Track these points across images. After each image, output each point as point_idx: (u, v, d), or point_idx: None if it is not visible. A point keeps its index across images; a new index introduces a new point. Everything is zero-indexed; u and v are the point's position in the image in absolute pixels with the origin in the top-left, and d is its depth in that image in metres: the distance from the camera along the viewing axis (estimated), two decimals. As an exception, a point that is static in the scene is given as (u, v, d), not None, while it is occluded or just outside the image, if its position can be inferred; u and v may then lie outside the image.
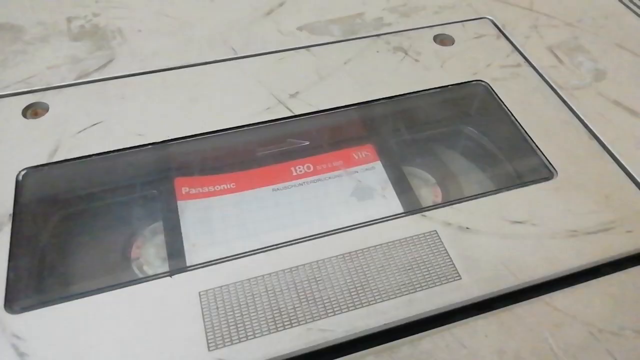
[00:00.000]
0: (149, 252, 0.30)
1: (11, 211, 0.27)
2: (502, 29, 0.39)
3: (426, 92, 0.34)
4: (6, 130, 0.31)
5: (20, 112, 0.32)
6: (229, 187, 0.31)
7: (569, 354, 0.23)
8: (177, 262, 0.28)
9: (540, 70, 0.36)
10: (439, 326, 0.24)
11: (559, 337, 0.24)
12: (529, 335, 0.24)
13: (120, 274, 0.29)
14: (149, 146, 0.31)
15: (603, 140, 0.32)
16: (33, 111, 0.32)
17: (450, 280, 0.25)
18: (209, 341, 0.23)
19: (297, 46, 0.37)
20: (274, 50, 0.37)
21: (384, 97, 0.34)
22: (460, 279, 0.25)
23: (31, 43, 0.37)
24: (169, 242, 0.29)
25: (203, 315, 0.24)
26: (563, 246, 0.27)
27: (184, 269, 0.26)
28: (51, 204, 0.30)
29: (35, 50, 0.36)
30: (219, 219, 0.30)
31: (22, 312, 0.24)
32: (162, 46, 0.37)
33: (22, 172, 0.29)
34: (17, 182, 0.28)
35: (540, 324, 0.24)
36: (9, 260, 0.25)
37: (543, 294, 0.25)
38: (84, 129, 0.31)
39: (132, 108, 0.32)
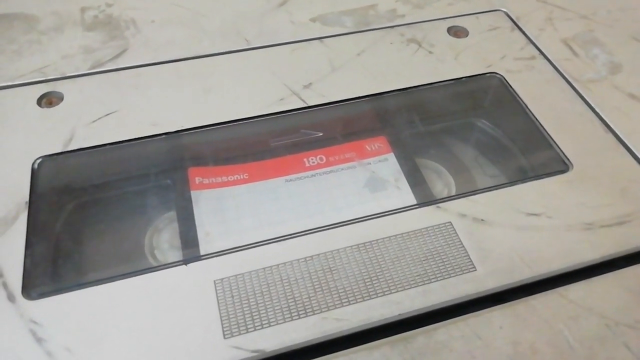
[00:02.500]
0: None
1: (27, 199, 0.27)
2: (516, 21, 0.39)
3: (440, 84, 0.34)
4: (22, 119, 0.31)
5: (35, 101, 0.32)
6: (242, 177, 0.31)
7: (585, 346, 0.23)
8: (191, 251, 0.28)
9: (555, 63, 0.36)
10: (454, 317, 0.24)
11: (574, 329, 0.24)
12: (544, 327, 0.24)
13: (134, 262, 0.29)
14: (163, 136, 0.31)
15: (618, 133, 0.31)
16: (48, 100, 0.32)
17: (465, 271, 0.25)
18: (225, 329, 0.23)
19: (310, 37, 0.37)
20: (287, 41, 0.37)
21: (397, 88, 0.34)
22: (475, 270, 0.25)
23: (45, 33, 0.37)
24: (183, 231, 0.29)
25: (218, 303, 0.24)
26: (578, 239, 0.26)
27: (198, 257, 0.26)
28: (66, 192, 0.31)
29: (50, 40, 0.36)
30: (232, 209, 0.30)
31: (39, 298, 0.24)
32: (175, 37, 0.37)
33: (38, 161, 0.29)
34: (32, 170, 0.28)
35: (555, 316, 0.24)
36: (26, 248, 0.25)
37: (558, 287, 0.25)
38: (99, 119, 0.31)
39: (146, 98, 0.32)
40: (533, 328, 0.24)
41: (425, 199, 0.30)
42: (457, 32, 0.38)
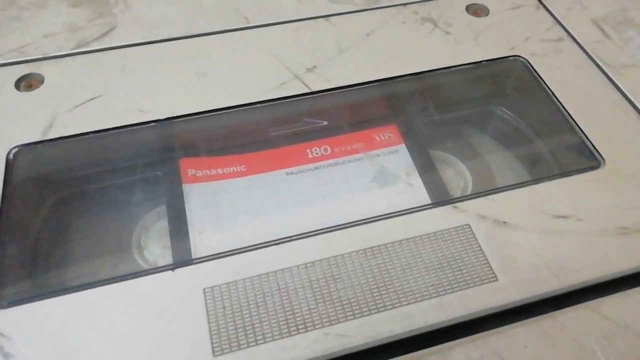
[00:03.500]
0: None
1: (0, 193, 0.25)
2: (541, -2, 0.36)
3: (457, 68, 0.32)
4: (-2, 104, 0.29)
5: (13, 83, 0.30)
6: (238, 169, 0.29)
7: (621, 370, 0.21)
8: (181, 251, 0.26)
9: (584, 46, 0.33)
10: (472, 334, 0.22)
11: (608, 350, 0.21)
12: (574, 346, 0.21)
13: (118, 265, 0.27)
14: (152, 123, 0.29)
15: (656, 125, 0.29)
16: (27, 83, 0.30)
17: (485, 281, 0.23)
18: (214, 345, 0.21)
19: (315, 15, 0.35)
20: (290, 19, 0.35)
21: (410, 73, 0.32)
22: (497, 280, 0.23)
23: (26, 8, 0.35)
24: (173, 229, 0.26)
25: (208, 315, 0.22)
26: (612, 245, 0.24)
27: (187, 262, 0.24)
28: (45, 185, 0.29)
29: (31, 16, 0.34)
30: (227, 205, 0.28)
31: (9, 306, 0.22)
32: (167, 14, 0.35)
33: (14, 150, 0.27)
34: (7, 161, 0.27)
35: (587, 333, 0.22)
36: (-3, 248, 0.24)
37: (590, 300, 0.23)
38: (82, 104, 0.29)
39: (134, 81, 0.30)
40: (562, 347, 0.21)
41: (440, 197, 0.28)
42: (476, 10, 0.36)
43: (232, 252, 0.24)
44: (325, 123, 0.31)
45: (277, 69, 0.31)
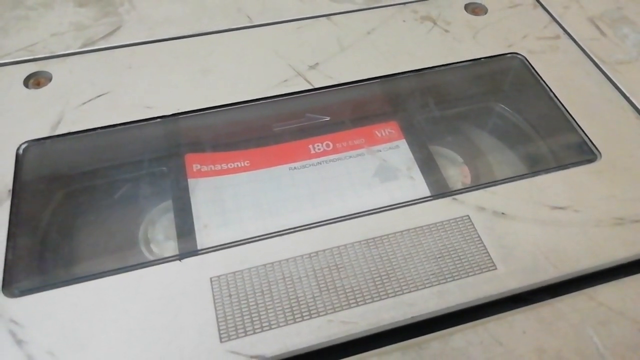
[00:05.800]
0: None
1: (11, 187, 0.26)
2: (539, -3, 0.37)
3: (456, 65, 0.32)
4: (7, 101, 0.29)
5: (22, 81, 0.30)
6: (243, 164, 0.30)
7: (617, 355, 0.21)
8: (187, 244, 0.26)
9: (580, 43, 0.34)
10: (472, 321, 0.22)
11: (604, 336, 0.22)
12: (571, 332, 0.22)
13: (126, 256, 0.27)
14: (158, 120, 0.29)
15: (651, 120, 0.29)
16: (35, 80, 0.31)
17: (484, 270, 0.23)
18: (221, 332, 0.21)
19: (317, 14, 0.35)
20: (292, 18, 0.35)
21: (410, 70, 0.32)
22: (496, 269, 0.23)
23: (34, 8, 0.35)
24: (179, 222, 0.27)
25: (215, 303, 0.22)
26: (608, 235, 0.24)
27: (194, 252, 0.24)
28: (53, 180, 0.29)
29: (38, 16, 0.35)
30: (232, 199, 0.28)
31: (21, 295, 0.22)
32: (172, 13, 0.35)
33: (23, 146, 0.27)
34: (17, 156, 0.27)
35: (583, 320, 0.22)
36: (8, 240, 0.24)
37: (587, 287, 0.23)
38: (89, 100, 0.29)
39: (140, 79, 0.31)
40: (559, 333, 0.22)
41: (440, 190, 0.28)
42: (475, 9, 0.36)
43: (237, 243, 0.24)
44: (328, 119, 0.32)
45: (280, 66, 0.32)
